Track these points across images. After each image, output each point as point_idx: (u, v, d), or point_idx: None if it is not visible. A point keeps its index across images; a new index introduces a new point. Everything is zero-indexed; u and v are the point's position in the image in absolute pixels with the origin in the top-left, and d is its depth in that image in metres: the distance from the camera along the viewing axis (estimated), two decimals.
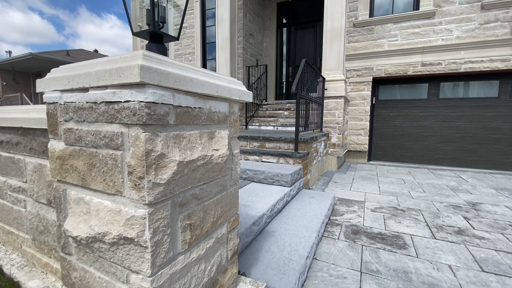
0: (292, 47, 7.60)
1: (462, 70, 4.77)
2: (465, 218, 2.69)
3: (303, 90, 3.70)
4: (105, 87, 0.75)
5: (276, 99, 7.95)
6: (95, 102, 0.78)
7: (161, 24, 1.07)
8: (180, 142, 0.82)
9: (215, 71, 6.41)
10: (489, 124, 4.94)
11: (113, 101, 0.73)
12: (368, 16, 5.40)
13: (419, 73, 5.06)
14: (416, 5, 5.08)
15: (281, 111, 6.29)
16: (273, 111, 6.40)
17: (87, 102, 0.80)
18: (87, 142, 0.82)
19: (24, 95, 11.54)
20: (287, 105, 6.37)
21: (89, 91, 0.79)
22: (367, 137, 5.61)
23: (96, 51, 31.69)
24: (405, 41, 5.12)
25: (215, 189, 1.03)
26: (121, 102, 0.72)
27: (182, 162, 0.81)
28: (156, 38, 1.03)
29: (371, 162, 5.76)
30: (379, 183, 4.01)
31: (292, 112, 5.96)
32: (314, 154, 3.93)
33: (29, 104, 11.88)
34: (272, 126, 5.89)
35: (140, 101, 0.69)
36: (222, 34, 5.73)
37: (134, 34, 1.07)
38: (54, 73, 0.90)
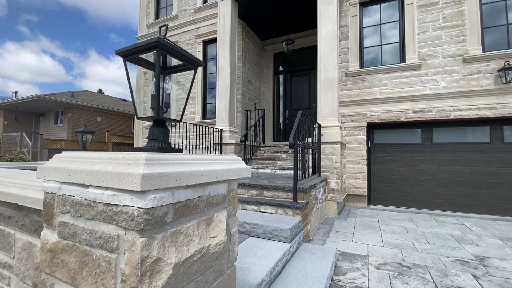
0: (289, 92, 7.97)
1: (452, 117, 4.96)
2: (474, 276, 2.55)
3: (300, 134, 3.79)
4: (106, 188, 0.75)
5: (273, 140, 8.09)
6: (94, 201, 0.78)
7: (165, 109, 1.13)
8: (177, 239, 0.80)
9: (215, 115, 6.63)
10: (485, 168, 4.98)
11: (112, 203, 0.73)
12: (359, 67, 5.78)
13: (411, 119, 5.25)
14: (403, 58, 5.48)
15: (279, 154, 6.35)
16: (271, 154, 6.46)
17: (85, 199, 0.80)
18: (81, 240, 0.80)
19: (24, 135, 11.64)
20: (285, 147, 6.46)
21: (89, 188, 0.79)
22: (366, 181, 5.59)
23: (100, 90, 33.03)
24: (395, 89, 5.41)
25: (211, 277, 0.98)
26: (120, 205, 0.72)
27: (178, 263, 0.78)
28: (160, 122, 1.08)
29: (371, 206, 5.66)
30: (381, 232, 3.88)
31: (289, 155, 6.01)
32: (314, 202, 3.86)
33: (28, 143, 11.94)
34: (270, 169, 5.88)
35: (139, 207, 0.69)
36: (222, 82, 6.04)
37: (138, 118, 1.13)
38: (56, 161, 0.92)
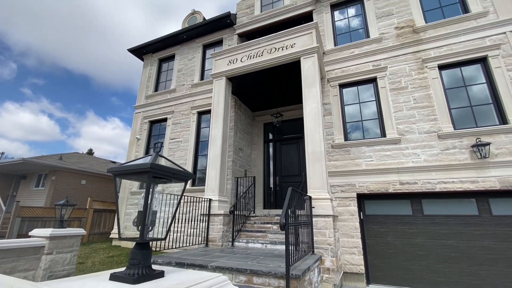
0: (278, 158, 8.17)
1: (438, 190, 5.08)
2: None
3: (291, 207, 3.70)
4: None
5: (264, 208, 7.88)
6: None
7: (150, 227, 1.11)
8: None
9: (205, 180, 6.53)
10: (480, 243, 4.86)
11: None
12: (343, 139, 6.13)
13: (400, 191, 5.33)
14: (383, 132, 5.89)
15: (270, 225, 6.08)
16: (261, 225, 6.18)
17: None
18: None
19: None
20: (276, 217, 6.24)
21: None
22: (362, 256, 5.28)
23: (90, 150, 32.96)
24: (379, 161, 5.64)
25: None
26: None
27: None
28: (143, 244, 1.03)
29: (370, 286, 5.20)
30: None
31: None
32: None
33: (1, 208, 11.13)
34: (260, 243, 5.54)
35: None
36: (214, 152, 6.18)
37: (121, 239, 1.09)
38: None
